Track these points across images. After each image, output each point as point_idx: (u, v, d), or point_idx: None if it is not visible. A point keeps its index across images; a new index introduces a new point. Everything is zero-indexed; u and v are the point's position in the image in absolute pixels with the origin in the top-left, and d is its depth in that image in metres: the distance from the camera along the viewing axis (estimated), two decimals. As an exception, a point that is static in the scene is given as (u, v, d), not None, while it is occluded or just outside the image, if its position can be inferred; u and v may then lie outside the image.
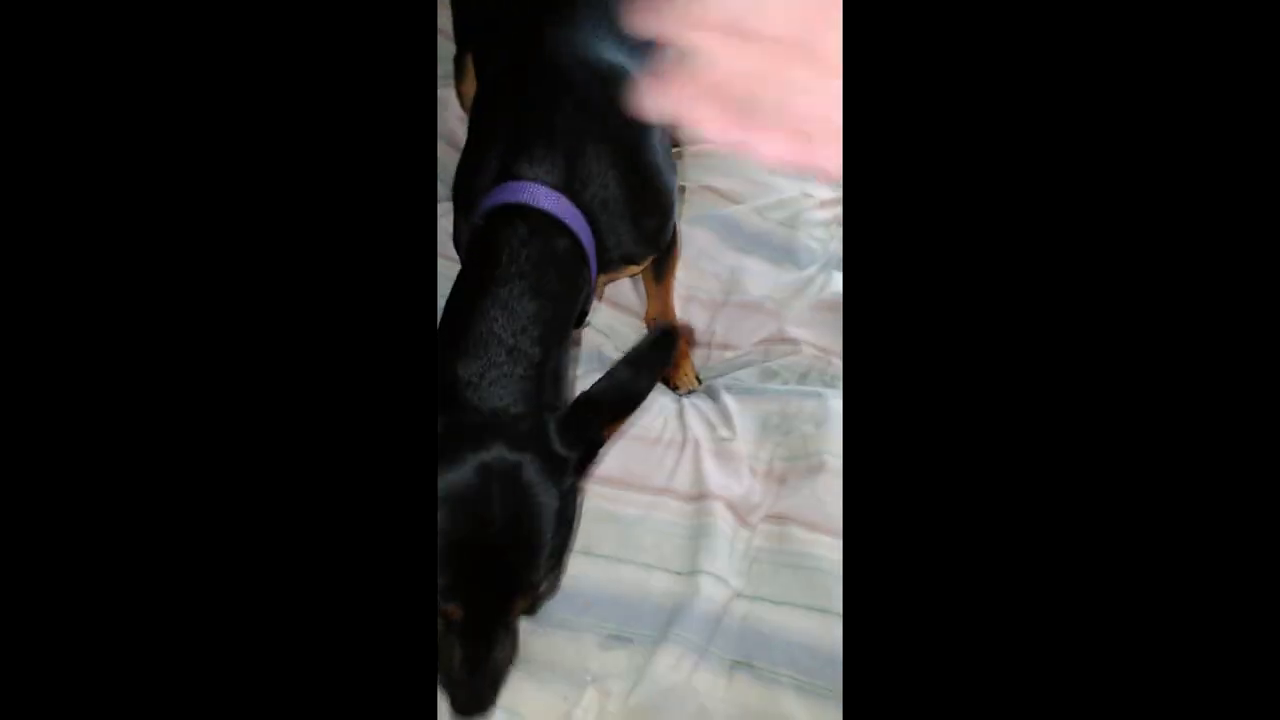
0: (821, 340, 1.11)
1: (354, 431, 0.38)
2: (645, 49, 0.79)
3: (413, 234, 0.41)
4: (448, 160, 1.31)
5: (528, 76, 0.77)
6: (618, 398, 0.63)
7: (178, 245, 0.36)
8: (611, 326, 1.12)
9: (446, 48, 1.29)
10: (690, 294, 1.16)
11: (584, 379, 1.00)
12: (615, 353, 1.10)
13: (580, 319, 0.74)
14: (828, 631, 0.77)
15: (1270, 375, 0.31)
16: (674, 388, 1.05)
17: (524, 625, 0.75)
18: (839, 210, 1.39)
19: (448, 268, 0.75)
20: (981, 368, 0.34)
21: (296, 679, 0.37)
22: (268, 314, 0.37)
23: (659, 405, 0.97)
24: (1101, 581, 0.33)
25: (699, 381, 1.08)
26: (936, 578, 0.34)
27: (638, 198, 0.77)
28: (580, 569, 0.78)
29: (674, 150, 1.10)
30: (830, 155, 0.32)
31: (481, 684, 0.65)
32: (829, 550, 0.81)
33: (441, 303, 0.70)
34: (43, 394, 0.34)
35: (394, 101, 0.40)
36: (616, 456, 0.87)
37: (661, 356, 0.63)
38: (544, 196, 0.70)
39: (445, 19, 1.27)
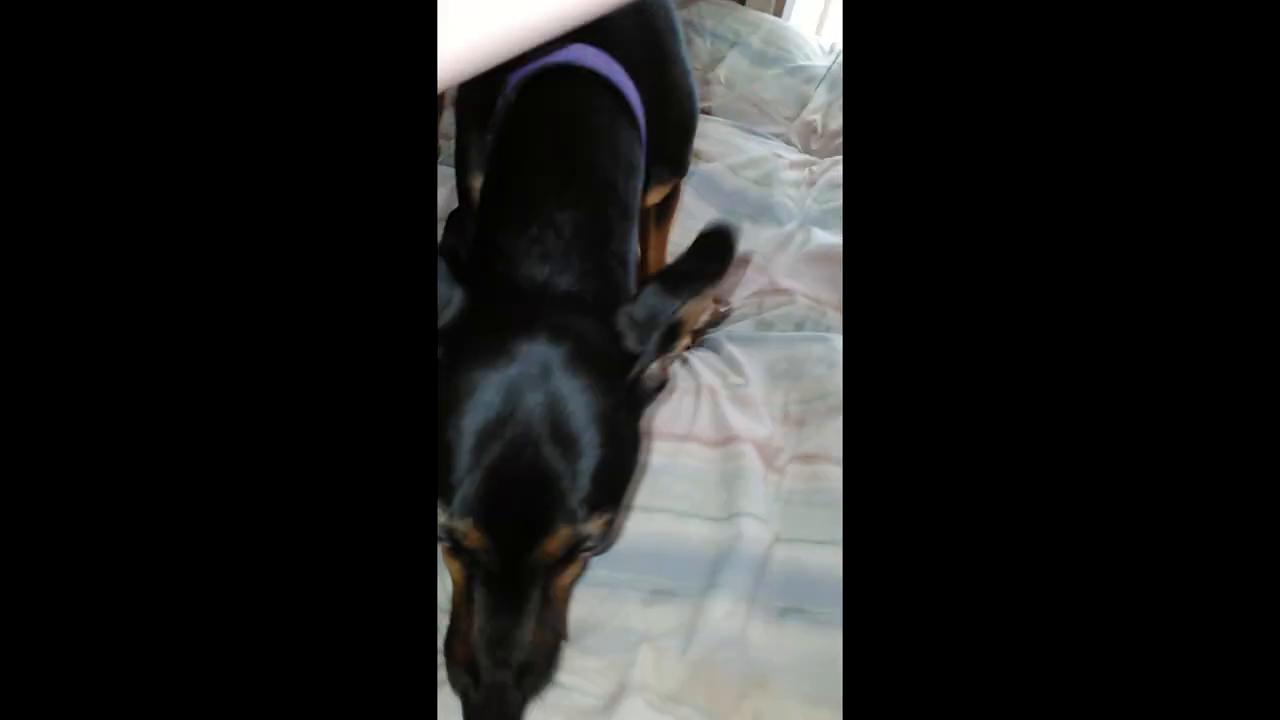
0: (813, 291, 1.08)
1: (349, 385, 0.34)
2: None
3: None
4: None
5: None
6: (702, 268, 0.51)
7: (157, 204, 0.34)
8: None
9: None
10: (676, 249, 1.11)
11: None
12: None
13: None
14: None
15: (1271, 375, 0.31)
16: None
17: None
18: (808, 171, 1.37)
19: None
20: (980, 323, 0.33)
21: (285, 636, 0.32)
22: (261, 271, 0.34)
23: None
24: (1103, 528, 0.31)
25: (693, 337, 1.03)
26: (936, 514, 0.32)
27: (668, 110, 0.71)
28: (611, 522, 0.71)
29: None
30: None
31: (506, 675, 0.50)
32: (865, 486, 0.77)
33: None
34: (23, 375, 0.33)
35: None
36: (631, 406, 0.81)
37: (720, 255, 0.52)
38: (594, 57, 0.59)
39: None
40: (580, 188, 0.55)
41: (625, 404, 0.53)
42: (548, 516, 0.49)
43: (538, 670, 0.54)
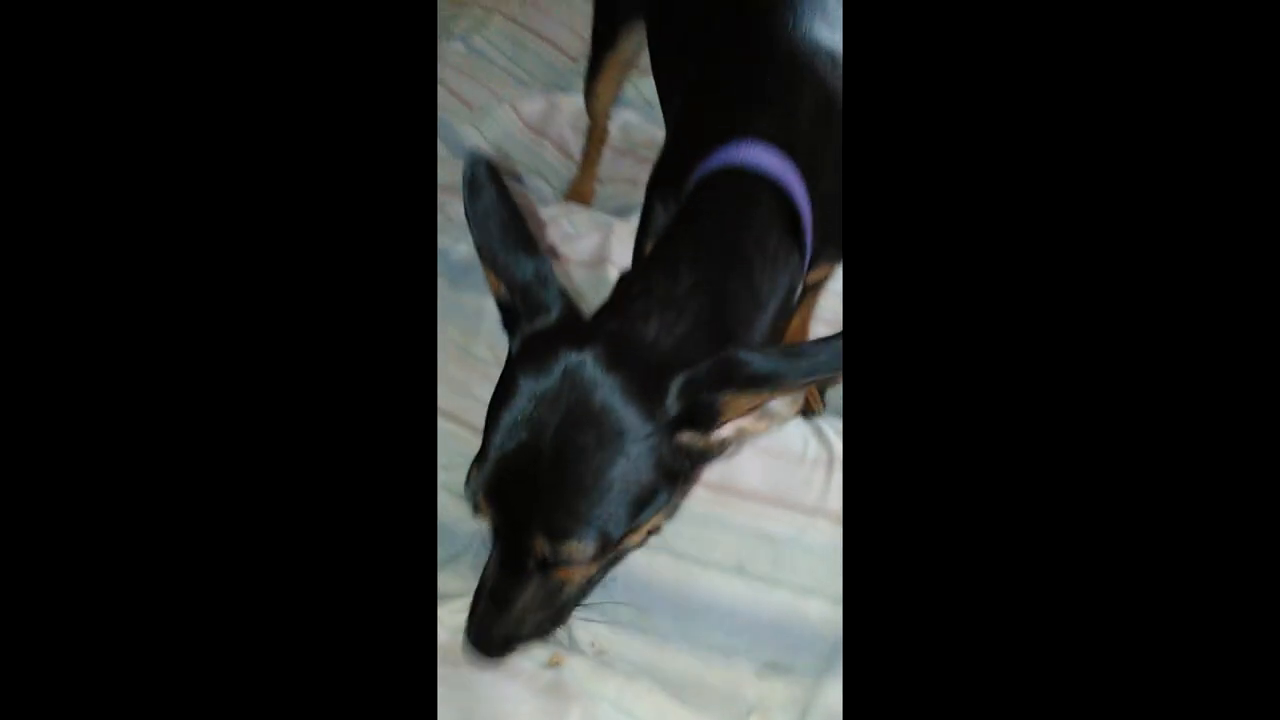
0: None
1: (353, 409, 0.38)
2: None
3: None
4: (562, 168, 1.29)
5: (759, 60, 0.71)
6: (761, 368, 0.52)
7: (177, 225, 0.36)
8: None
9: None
10: (816, 314, 1.11)
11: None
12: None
13: (785, 311, 0.67)
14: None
15: (1270, 376, 0.31)
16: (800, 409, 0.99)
17: (674, 647, 0.70)
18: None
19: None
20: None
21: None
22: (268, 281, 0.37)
23: (795, 423, 0.92)
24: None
25: (823, 404, 1.02)
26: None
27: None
28: (734, 589, 0.73)
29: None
30: None
31: (492, 622, 0.58)
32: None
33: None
34: (36, 385, 0.34)
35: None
36: (762, 472, 0.82)
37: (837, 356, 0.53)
38: (767, 157, 0.63)
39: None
40: (705, 276, 0.60)
41: (653, 450, 0.55)
42: (531, 518, 0.55)
43: (525, 630, 0.60)
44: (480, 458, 0.56)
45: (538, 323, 0.57)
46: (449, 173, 1.15)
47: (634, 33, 1.05)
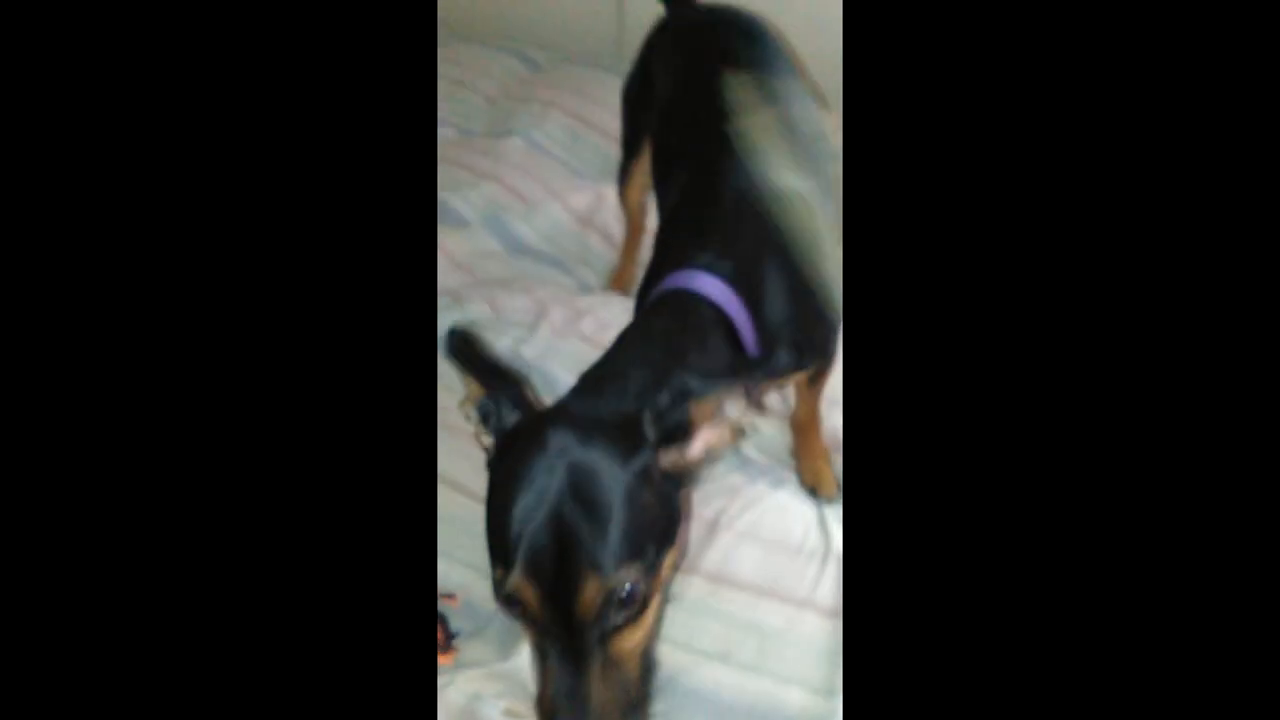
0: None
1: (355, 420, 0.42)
2: (822, 172, 0.85)
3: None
4: (606, 256, 1.40)
5: (709, 201, 0.84)
6: (712, 375, 0.64)
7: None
8: (753, 425, 1.14)
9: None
10: (835, 396, 1.16)
11: (723, 476, 1.03)
12: (755, 452, 1.11)
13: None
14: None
15: (1266, 376, 0.31)
16: (813, 492, 1.05)
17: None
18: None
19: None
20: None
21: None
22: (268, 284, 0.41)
23: (799, 512, 0.98)
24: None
25: (838, 486, 1.07)
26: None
27: (809, 310, 0.81)
28: (718, 676, 0.80)
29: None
30: None
31: None
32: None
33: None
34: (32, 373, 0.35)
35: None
36: (757, 563, 0.88)
37: None
38: (707, 283, 0.76)
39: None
40: (650, 382, 0.70)
41: (647, 477, 0.63)
42: (576, 567, 0.59)
43: None
44: (503, 552, 0.62)
45: (512, 420, 0.69)
46: (503, 268, 1.29)
47: None
